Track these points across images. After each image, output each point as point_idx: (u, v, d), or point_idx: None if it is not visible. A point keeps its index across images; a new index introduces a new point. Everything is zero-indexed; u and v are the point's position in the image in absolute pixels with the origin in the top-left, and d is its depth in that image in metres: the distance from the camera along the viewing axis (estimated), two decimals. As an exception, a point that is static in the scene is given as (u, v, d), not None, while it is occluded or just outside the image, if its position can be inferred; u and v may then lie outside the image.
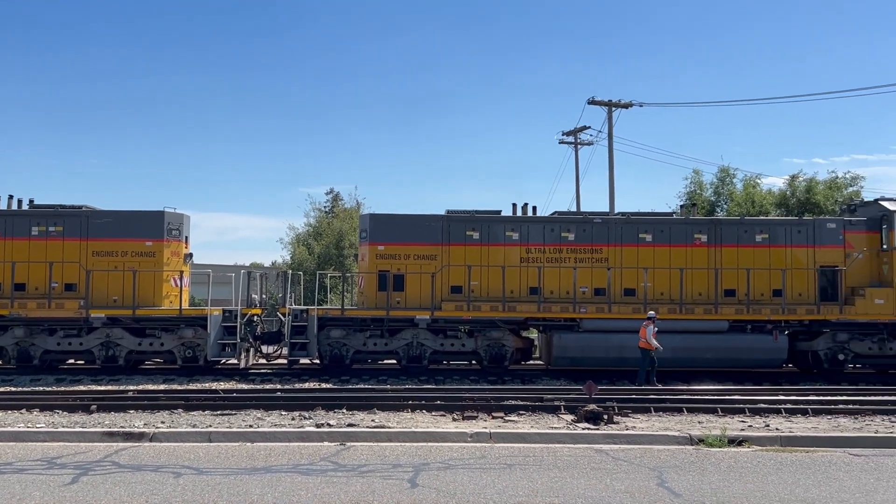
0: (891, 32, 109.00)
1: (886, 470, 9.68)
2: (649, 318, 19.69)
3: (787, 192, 37.75)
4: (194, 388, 18.01)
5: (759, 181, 39.25)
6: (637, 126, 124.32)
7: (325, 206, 51.18)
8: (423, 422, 13.30)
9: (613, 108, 34.46)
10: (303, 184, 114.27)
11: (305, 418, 13.50)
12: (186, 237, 21.98)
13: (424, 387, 18.34)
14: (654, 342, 19.32)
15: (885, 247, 21.57)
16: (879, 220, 21.74)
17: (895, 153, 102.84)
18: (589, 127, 39.13)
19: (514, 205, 22.22)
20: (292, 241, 47.77)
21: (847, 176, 38.30)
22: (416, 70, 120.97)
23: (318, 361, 21.33)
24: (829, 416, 14.28)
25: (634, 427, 12.95)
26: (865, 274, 21.69)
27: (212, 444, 11.22)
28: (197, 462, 9.79)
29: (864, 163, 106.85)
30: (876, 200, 22.48)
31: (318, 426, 12.59)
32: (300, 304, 22.59)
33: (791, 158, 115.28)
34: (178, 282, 21.33)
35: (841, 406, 15.16)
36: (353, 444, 11.15)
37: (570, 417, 13.78)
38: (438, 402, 15.09)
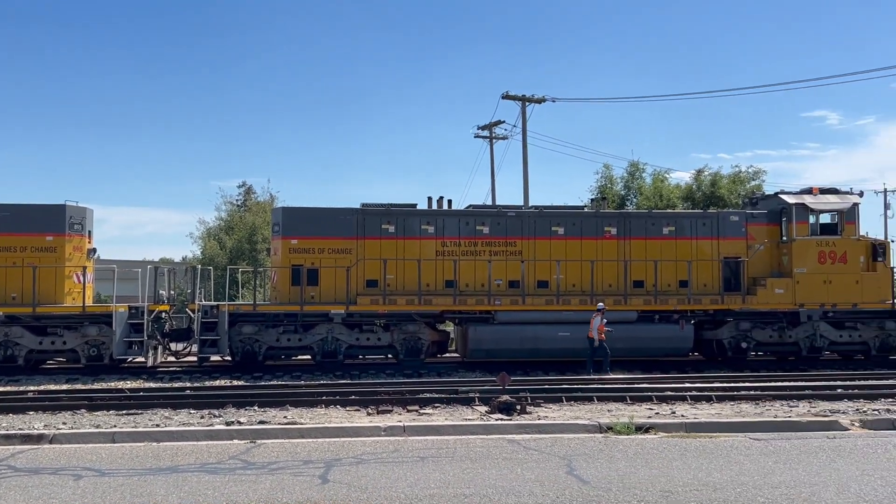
0: (791, 31, 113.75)
1: (784, 453, 10.08)
2: (598, 310, 20.16)
3: (694, 186, 38.99)
4: (99, 387, 17.39)
5: (667, 175, 40.47)
6: (551, 121, 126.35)
7: (237, 200, 50.18)
8: (337, 417, 13.17)
9: (527, 103, 34.86)
10: (214, 177, 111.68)
11: (215, 416, 13.19)
12: (90, 232, 21.20)
13: (339, 382, 18.18)
14: (602, 334, 19.88)
15: (784, 238, 22.51)
16: (779, 212, 22.67)
17: (795, 148, 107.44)
18: (504, 121, 39.57)
19: (430, 198, 22.28)
20: (203, 236, 46.63)
21: (750, 170, 39.85)
22: (333, 65, 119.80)
23: (229, 358, 20.90)
24: (732, 403, 14.80)
25: (546, 417, 13.13)
26: (766, 264, 22.58)
27: (115, 444, 10.84)
28: (99, 463, 9.44)
29: (766, 158, 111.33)
30: (776, 194, 23.42)
31: (227, 424, 12.32)
32: (211, 300, 22.08)
33: (698, 153, 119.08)
34: (81, 278, 20.57)
35: (743, 392, 15.73)
36: (263, 441, 10.95)
37: (483, 409, 13.88)
38: (353, 396, 14.99)
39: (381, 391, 15.59)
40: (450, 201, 22.41)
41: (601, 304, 20.39)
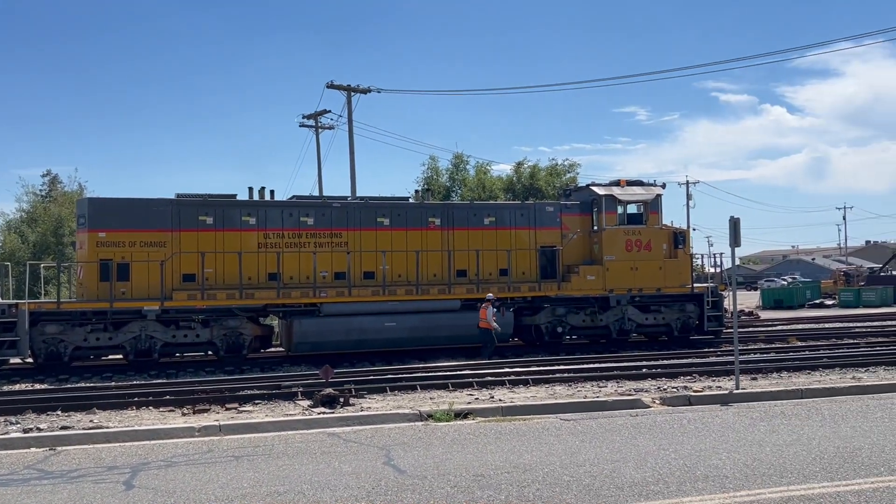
0: (601, 31, 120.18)
1: (590, 432, 10.63)
2: (488, 300, 20.50)
3: (514, 178, 40.40)
4: None
5: (489, 168, 41.67)
6: (379, 113, 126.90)
7: (41, 190, 46.63)
8: (149, 419, 12.54)
9: (353, 93, 34.67)
10: (14, 165, 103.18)
11: (11, 423, 12.18)
12: None
13: (153, 382, 17.33)
14: (494, 323, 20.24)
15: (595, 228, 23.72)
16: (591, 203, 23.87)
17: (608, 142, 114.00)
18: (329, 111, 39.23)
19: (251, 188, 21.65)
20: (2, 229, 43.03)
21: (566, 163, 41.86)
22: (149, 49, 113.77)
23: (31, 360, 19.38)
24: (547, 385, 15.45)
25: (370, 408, 13.14)
26: (580, 253, 23.72)
27: None
28: None
29: (582, 151, 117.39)
30: (588, 186, 24.63)
31: (25, 431, 11.41)
32: (10, 298, 20.38)
33: (520, 146, 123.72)
34: None
35: (557, 375, 16.46)
36: (65, 448, 10.24)
37: (306, 403, 13.70)
38: (168, 397, 14.35)
39: (198, 390, 15.02)
40: (272, 192, 21.92)
41: (490, 294, 20.82)
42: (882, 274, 54.96)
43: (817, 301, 49.01)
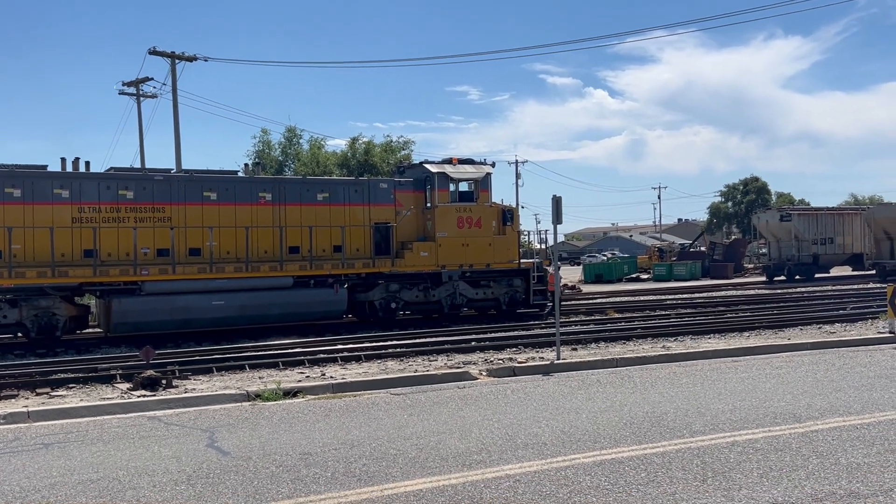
0: (437, 8, 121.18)
1: (419, 405, 10.80)
2: None
3: (349, 154, 40.11)
4: None
5: (324, 143, 41.17)
6: (208, 83, 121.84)
7: None
8: (-55, 408, 11.49)
9: (177, 61, 33.07)
10: None
11: None
12: None
13: (-49, 368, 15.89)
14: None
15: (428, 205, 24.01)
16: (424, 180, 24.12)
17: (442, 120, 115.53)
18: (152, 79, 37.17)
19: (63, 159, 20.17)
20: None
21: (400, 140, 42.04)
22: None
23: None
24: (379, 361, 15.55)
25: (195, 389, 12.73)
26: (413, 229, 23.95)
27: None
28: None
29: (417, 128, 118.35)
30: (421, 163, 24.86)
31: None
32: None
33: (356, 122, 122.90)
34: None
35: (390, 350, 16.62)
36: None
37: (125, 386, 13.08)
38: (-33, 383, 13.20)
39: (4, 374, 13.96)
40: (87, 163, 20.54)
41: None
42: (692, 250, 59.34)
43: (634, 275, 52.23)
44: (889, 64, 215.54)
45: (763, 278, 44.75)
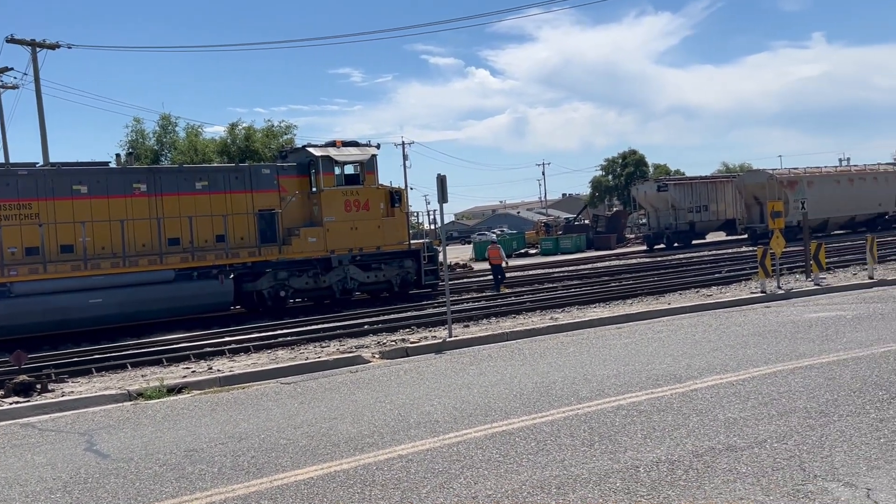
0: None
1: (310, 393, 10.62)
2: (495, 243, 26.90)
3: (229, 141, 38.96)
4: None
5: (202, 130, 39.80)
6: (74, 72, 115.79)
7: None
8: None
9: (38, 49, 31.19)
10: None
11: None
12: None
13: None
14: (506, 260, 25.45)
15: (314, 189, 23.62)
16: (308, 165, 23.70)
17: (325, 104, 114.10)
18: (12, 68, 34.94)
19: (-87, 156, 18.74)
20: None
21: (282, 125, 41.10)
22: None
23: None
24: (269, 351, 15.20)
25: (73, 392, 12.10)
26: (300, 215, 23.51)
27: None
28: None
29: (300, 112, 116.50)
30: (304, 147, 24.40)
31: None
32: None
33: (234, 108, 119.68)
34: None
35: (280, 339, 16.28)
36: None
37: (-4, 394, 12.28)
38: None
39: None
40: (-58, 160, 19.15)
41: (493, 235, 20.45)
42: (576, 223, 60.89)
43: (522, 250, 53.20)
44: (753, 37, 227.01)
45: (644, 247, 46.42)
